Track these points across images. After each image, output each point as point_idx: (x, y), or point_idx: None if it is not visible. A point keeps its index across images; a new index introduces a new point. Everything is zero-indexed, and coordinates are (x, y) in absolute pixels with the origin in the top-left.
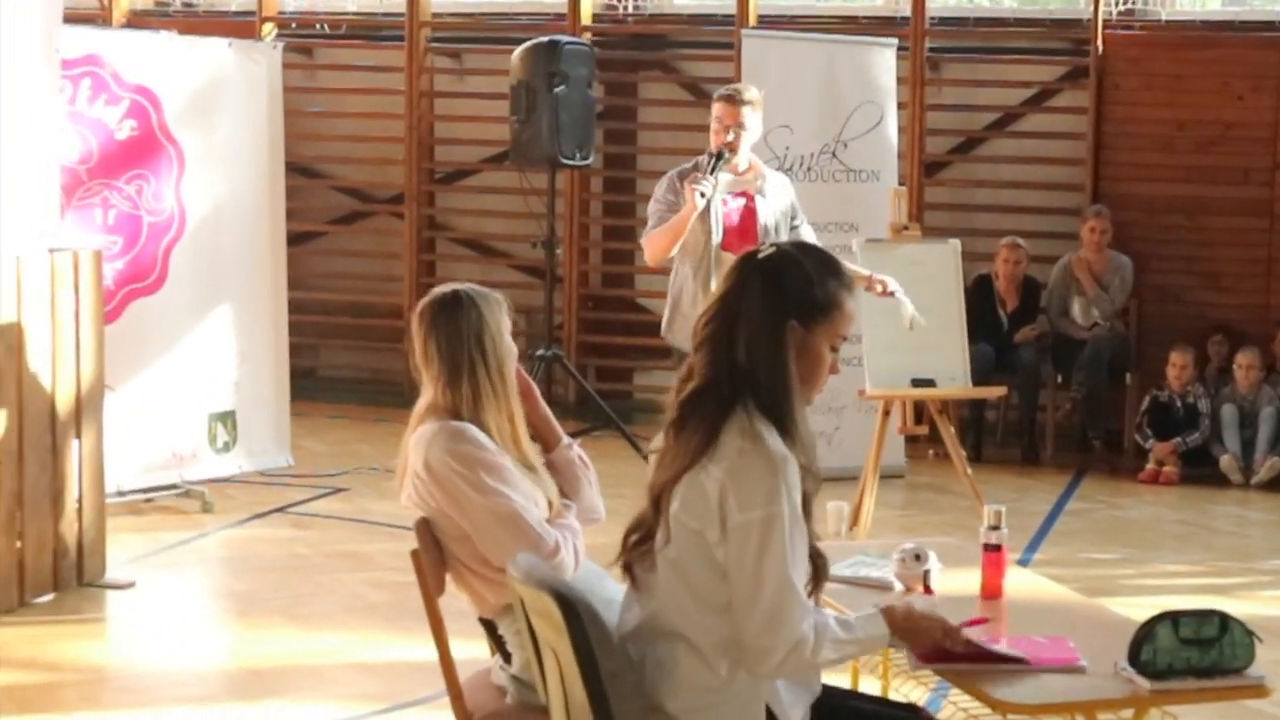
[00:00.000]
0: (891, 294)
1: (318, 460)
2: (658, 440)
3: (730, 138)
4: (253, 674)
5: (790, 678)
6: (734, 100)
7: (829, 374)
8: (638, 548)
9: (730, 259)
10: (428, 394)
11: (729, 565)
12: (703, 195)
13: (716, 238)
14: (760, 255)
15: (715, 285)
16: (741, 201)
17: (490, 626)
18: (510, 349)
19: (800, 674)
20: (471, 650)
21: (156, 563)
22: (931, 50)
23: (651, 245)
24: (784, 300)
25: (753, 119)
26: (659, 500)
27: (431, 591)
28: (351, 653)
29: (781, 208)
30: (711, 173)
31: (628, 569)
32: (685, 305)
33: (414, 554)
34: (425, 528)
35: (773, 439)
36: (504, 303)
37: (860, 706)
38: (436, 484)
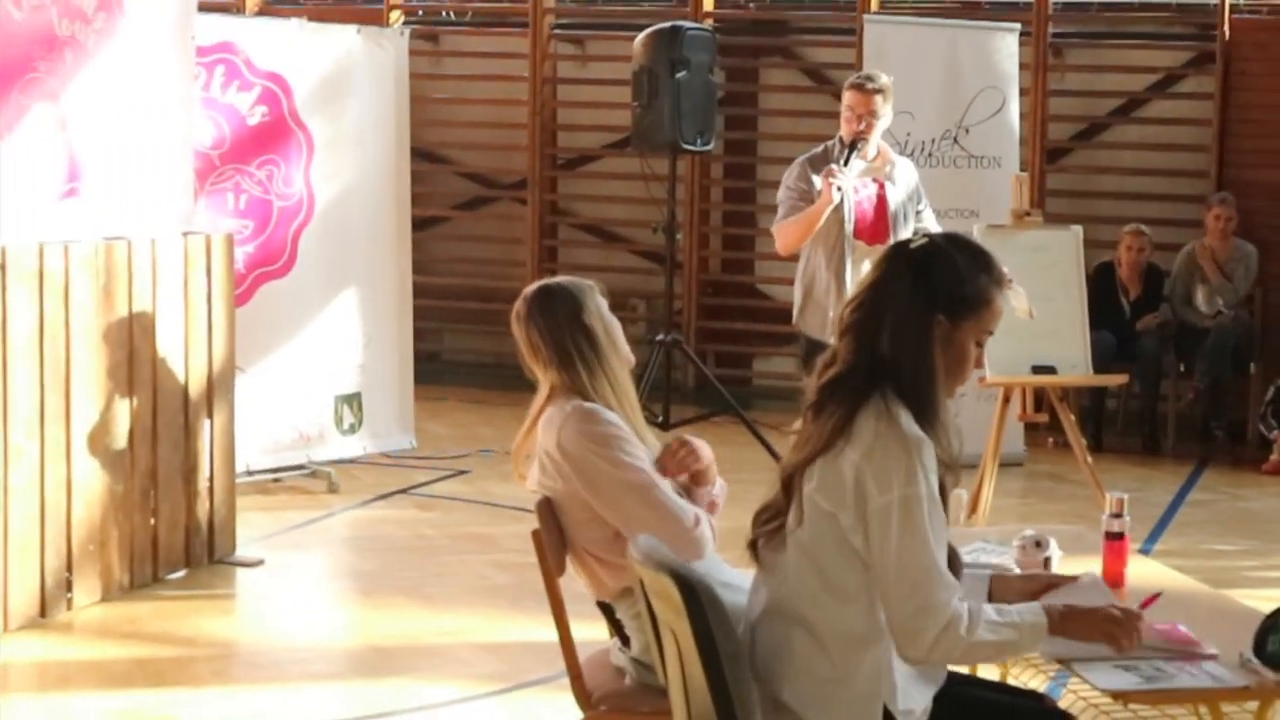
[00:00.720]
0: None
1: (440, 443)
2: (798, 424)
3: (862, 126)
4: (377, 652)
5: (944, 661)
6: (866, 89)
7: (973, 368)
8: (766, 526)
9: (863, 247)
10: (546, 382)
11: (871, 551)
12: (839, 190)
13: (849, 226)
14: (912, 246)
15: (849, 273)
16: (873, 189)
17: (608, 610)
18: (613, 323)
19: (955, 658)
20: (591, 632)
21: (284, 541)
22: (1054, 35)
23: (784, 235)
24: (932, 294)
25: (884, 107)
26: (790, 482)
27: (552, 572)
28: (474, 633)
29: (907, 193)
30: (845, 163)
31: (754, 549)
32: (818, 294)
33: (535, 535)
34: (547, 508)
35: (908, 422)
36: (595, 286)
37: (983, 695)
38: (571, 464)
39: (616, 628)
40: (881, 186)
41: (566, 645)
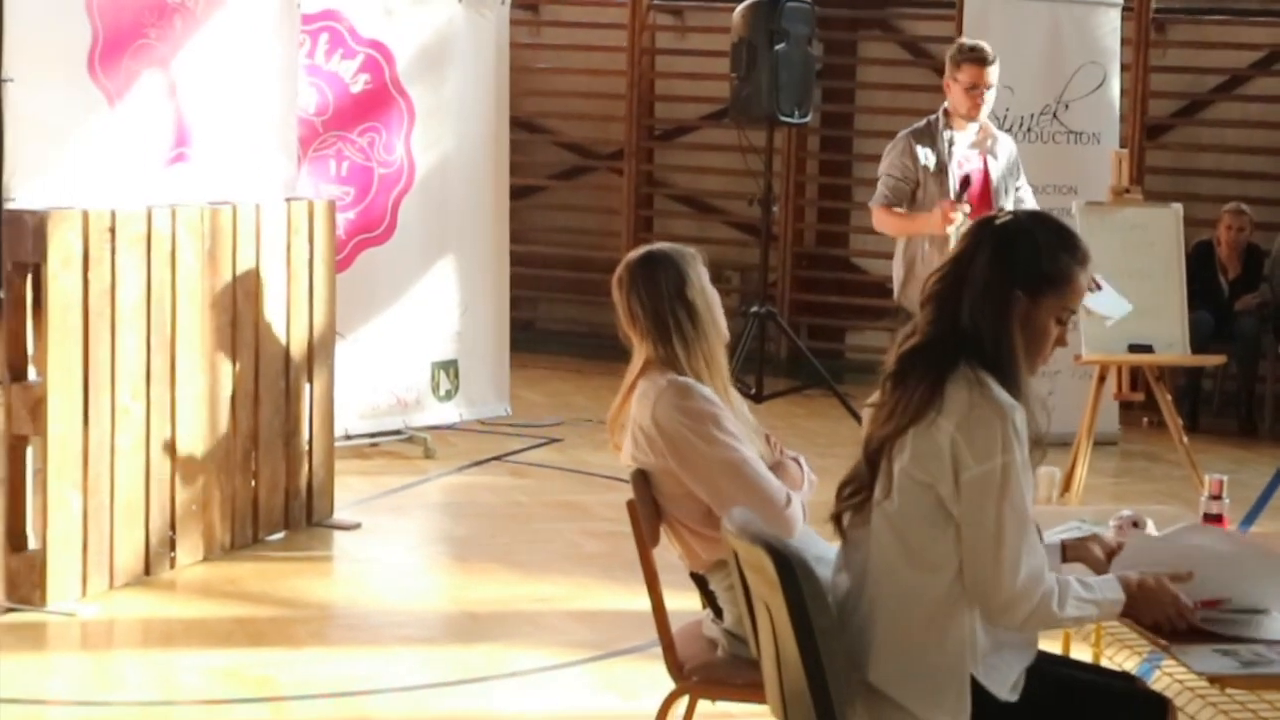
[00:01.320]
0: (1100, 287)
1: (535, 411)
2: (874, 396)
3: (980, 101)
4: (471, 617)
5: (1034, 630)
6: (985, 60)
7: (1055, 346)
8: (851, 499)
9: (967, 221)
10: (641, 352)
11: (966, 520)
12: (956, 228)
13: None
14: (996, 222)
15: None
16: (979, 162)
17: (701, 581)
18: (713, 296)
19: (1045, 627)
20: (684, 602)
21: (381, 506)
22: (1157, 11)
23: (883, 224)
24: (1011, 269)
25: (996, 77)
26: (876, 454)
27: (646, 543)
28: (566, 600)
29: (1008, 166)
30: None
31: (837, 521)
32: (919, 269)
33: (630, 505)
34: (641, 479)
35: (999, 390)
36: (699, 255)
37: (1074, 675)
38: (665, 440)
39: (709, 599)
40: (985, 159)
41: (659, 615)
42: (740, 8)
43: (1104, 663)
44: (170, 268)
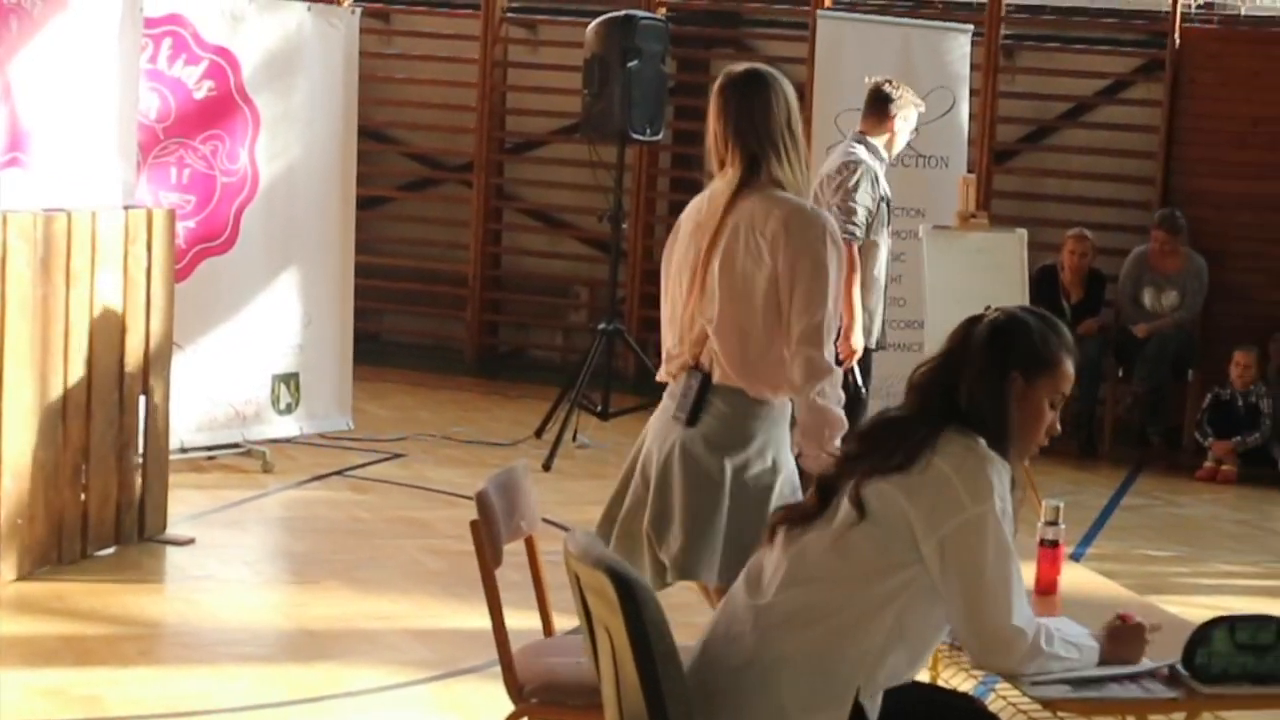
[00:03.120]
0: None
1: (378, 425)
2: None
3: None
4: (308, 635)
5: (1028, 671)
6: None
7: (1048, 433)
8: (797, 519)
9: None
10: (735, 170)
11: (961, 563)
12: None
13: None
14: (988, 316)
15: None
16: None
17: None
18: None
19: (1036, 668)
20: (525, 621)
21: (216, 520)
22: (1006, 37)
23: (835, 287)
24: (1008, 353)
25: None
26: (834, 487)
27: (489, 561)
28: (407, 619)
29: None
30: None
31: (771, 533)
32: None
33: (473, 525)
34: (485, 499)
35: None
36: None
37: (919, 693)
38: (792, 246)
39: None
40: None
41: (500, 635)
42: (594, 24)
43: (940, 684)
44: (0, 275)
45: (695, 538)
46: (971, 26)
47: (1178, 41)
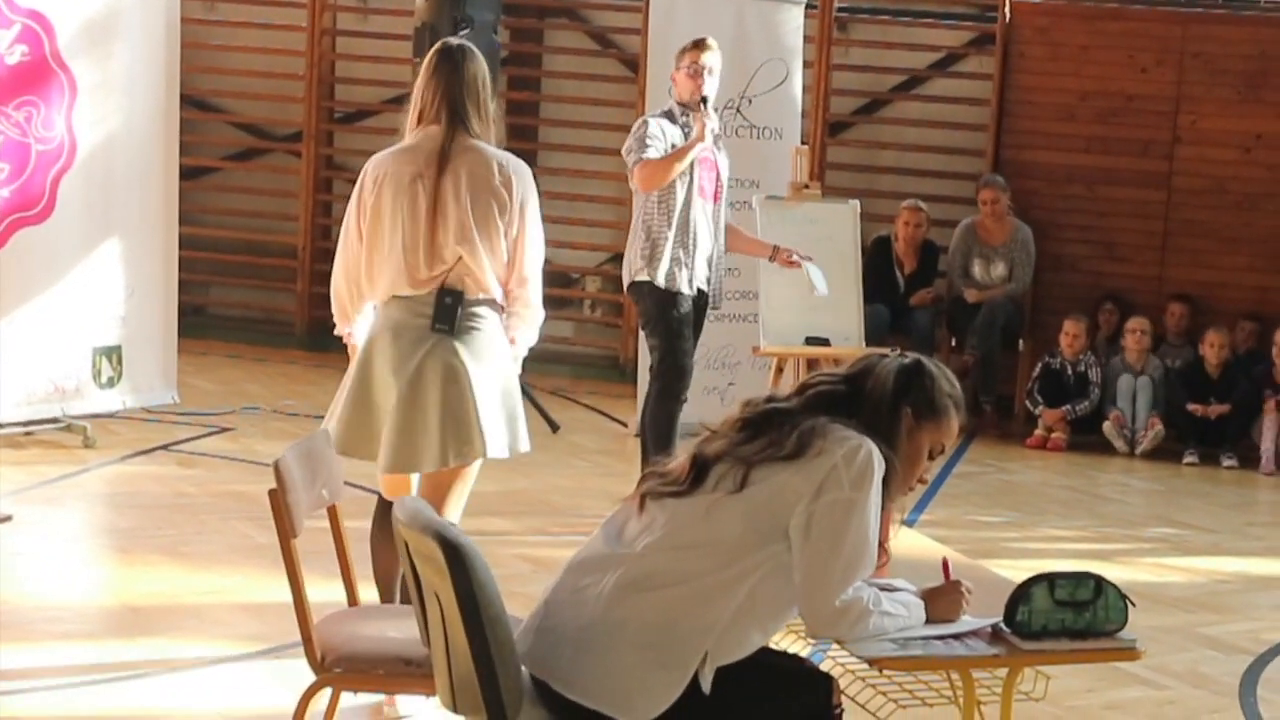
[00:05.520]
0: (796, 263)
1: (204, 398)
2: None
3: (702, 81)
4: (133, 611)
5: (859, 636)
6: (704, 45)
7: (917, 481)
8: (665, 486)
9: (701, 205)
10: (439, 128)
11: (821, 532)
12: (713, 131)
13: (688, 182)
14: (895, 355)
15: (694, 227)
16: (709, 154)
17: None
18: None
19: (865, 631)
20: (329, 594)
21: (35, 497)
22: (840, 10)
23: (653, 172)
24: (906, 390)
25: (717, 63)
26: (710, 465)
27: (288, 532)
28: (234, 593)
29: (729, 170)
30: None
31: (641, 500)
32: (664, 245)
33: (271, 494)
34: (283, 467)
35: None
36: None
37: (752, 656)
38: (513, 182)
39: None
40: (714, 153)
41: (300, 606)
42: None
43: (771, 645)
44: None
45: (480, 420)
46: None
47: (1008, 15)
